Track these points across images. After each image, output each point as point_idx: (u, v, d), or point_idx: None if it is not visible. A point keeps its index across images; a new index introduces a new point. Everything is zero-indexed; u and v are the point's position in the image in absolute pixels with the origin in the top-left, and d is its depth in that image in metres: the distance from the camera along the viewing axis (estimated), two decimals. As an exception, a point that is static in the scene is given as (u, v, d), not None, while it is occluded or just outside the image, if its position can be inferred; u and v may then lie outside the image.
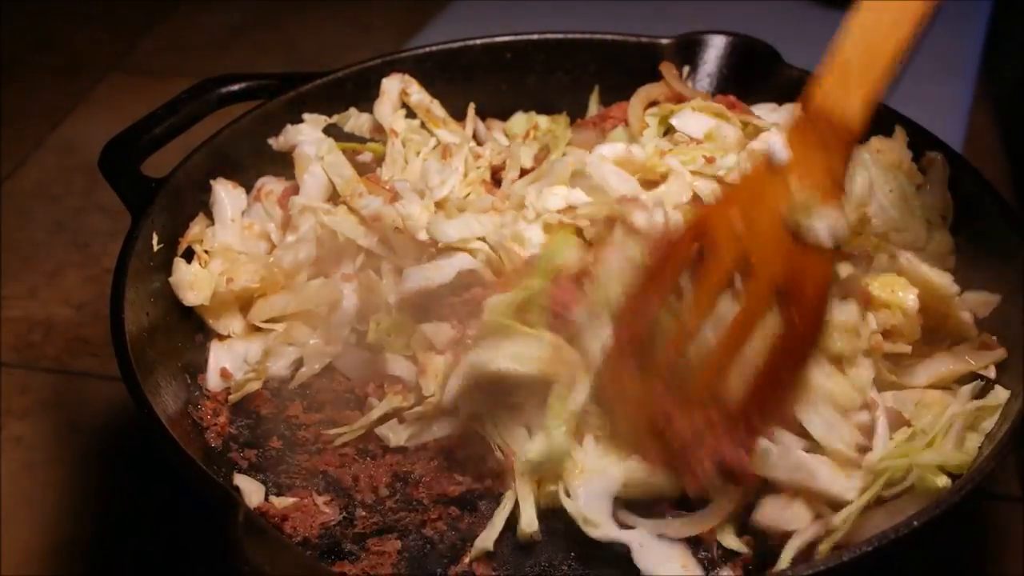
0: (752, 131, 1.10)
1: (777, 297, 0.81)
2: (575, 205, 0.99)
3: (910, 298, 0.94)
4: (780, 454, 0.84)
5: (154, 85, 1.89)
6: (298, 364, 1.03)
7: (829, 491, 0.83)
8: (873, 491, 0.84)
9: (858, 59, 0.79)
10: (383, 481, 0.93)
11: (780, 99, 1.18)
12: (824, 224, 0.80)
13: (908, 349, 0.94)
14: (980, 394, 0.92)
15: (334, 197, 1.10)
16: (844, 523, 0.82)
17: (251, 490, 0.92)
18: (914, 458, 0.85)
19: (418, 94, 1.20)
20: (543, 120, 1.24)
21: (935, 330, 0.96)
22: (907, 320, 0.94)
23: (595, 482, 0.86)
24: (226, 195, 1.11)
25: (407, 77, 1.21)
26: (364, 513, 0.92)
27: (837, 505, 0.84)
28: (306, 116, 1.18)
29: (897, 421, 0.90)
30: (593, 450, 0.89)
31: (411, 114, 1.20)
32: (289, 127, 1.16)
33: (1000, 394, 0.91)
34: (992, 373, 0.94)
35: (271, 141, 1.17)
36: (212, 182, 1.11)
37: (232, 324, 1.06)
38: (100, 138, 1.11)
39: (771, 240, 0.80)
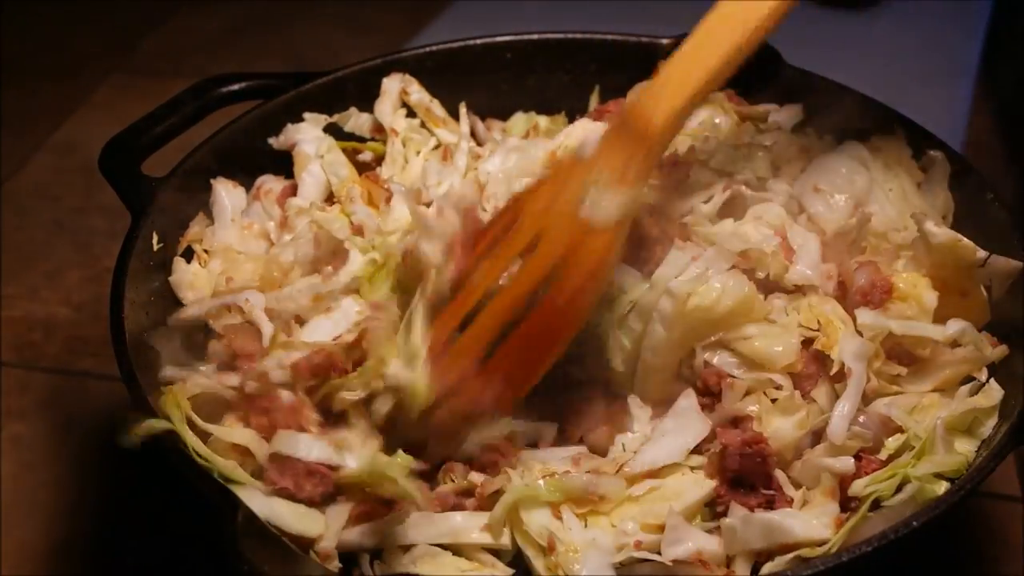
0: (749, 122, 1.12)
1: (551, 272, 0.86)
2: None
3: (930, 296, 0.94)
4: (744, 524, 0.82)
5: (155, 86, 1.87)
6: (298, 364, 1.03)
7: (808, 538, 0.81)
8: (857, 517, 0.82)
9: (675, 75, 0.89)
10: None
11: (780, 99, 1.18)
12: (605, 205, 0.86)
13: (926, 352, 0.93)
14: (974, 393, 0.91)
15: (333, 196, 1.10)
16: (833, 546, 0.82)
17: (250, 490, 0.92)
18: (909, 472, 0.84)
19: (418, 93, 1.20)
20: (543, 120, 1.24)
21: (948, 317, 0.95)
22: (921, 315, 0.93)
23: (592, 557, 0.82)
24: (226, 194, 1.11)
25: (407, 76, 1.21)
26: (364, 513, 0.92)
27: (820, 543, 0.82)
28: (306, 115, 1.18)
29: (888, 428, 0.90)
30: (576, 526, 0.85)
31: (412, 113, 1.20)
32: (289, 126, 1.16)
33: (995, 393, 0.90)
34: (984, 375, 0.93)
35: (271, 140, 1.17)
36: (212, 181, 1.11)
37: (232, 324, 1.05)
38: (100, 138, 1.11)
39: (562, 219, 0.87)
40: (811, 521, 0.82)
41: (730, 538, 0.82)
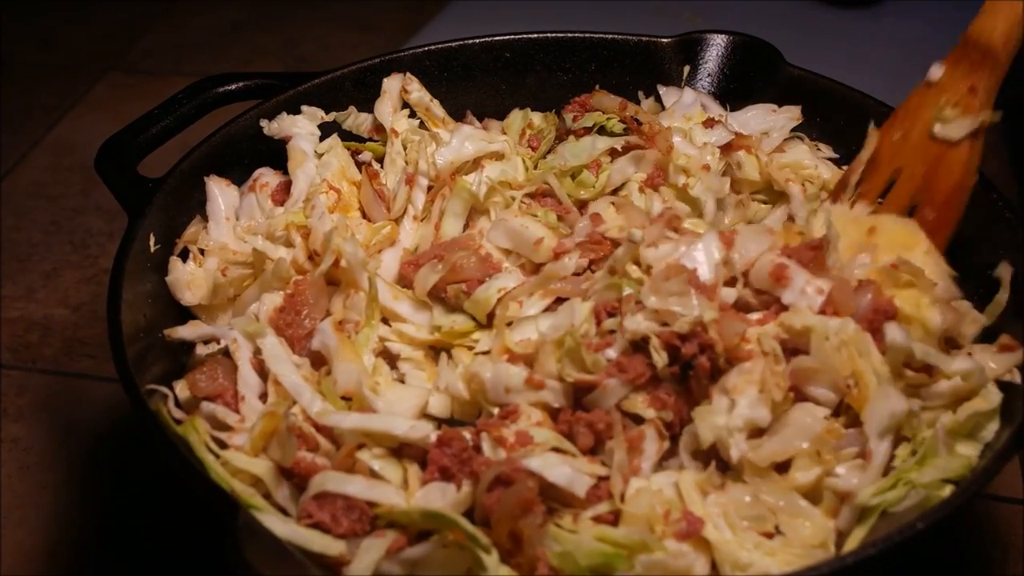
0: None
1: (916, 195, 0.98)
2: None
3: (934, 317, 0.92)
4: None
5: (152, 84, 1.88)
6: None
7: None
8: (865, 528, 0.82)
9: None
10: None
11: (781, 98, 1.18)
12: (958, 126, 0.95)
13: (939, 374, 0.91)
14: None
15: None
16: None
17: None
18: (914, 478, 0.84)
19: (418, 92, 1.19)
20: (536, 117, 1.22)
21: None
22: (927, 338, 0.92)
23: None
24: (219, 192, 1.10)
25: (408, 75, 1.20)
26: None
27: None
28: (304, 108, 1.17)
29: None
30: None
31: (412, 114, 1.19)
32: (285, 115, 1.16)
33: (993, 396, 0.89)
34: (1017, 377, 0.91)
35: (263, 123, 1.15)
36: (205, 179, 1.10)
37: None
38: (98, 137, 1.10)
39: (918, 147, 0.97)
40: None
41: None
